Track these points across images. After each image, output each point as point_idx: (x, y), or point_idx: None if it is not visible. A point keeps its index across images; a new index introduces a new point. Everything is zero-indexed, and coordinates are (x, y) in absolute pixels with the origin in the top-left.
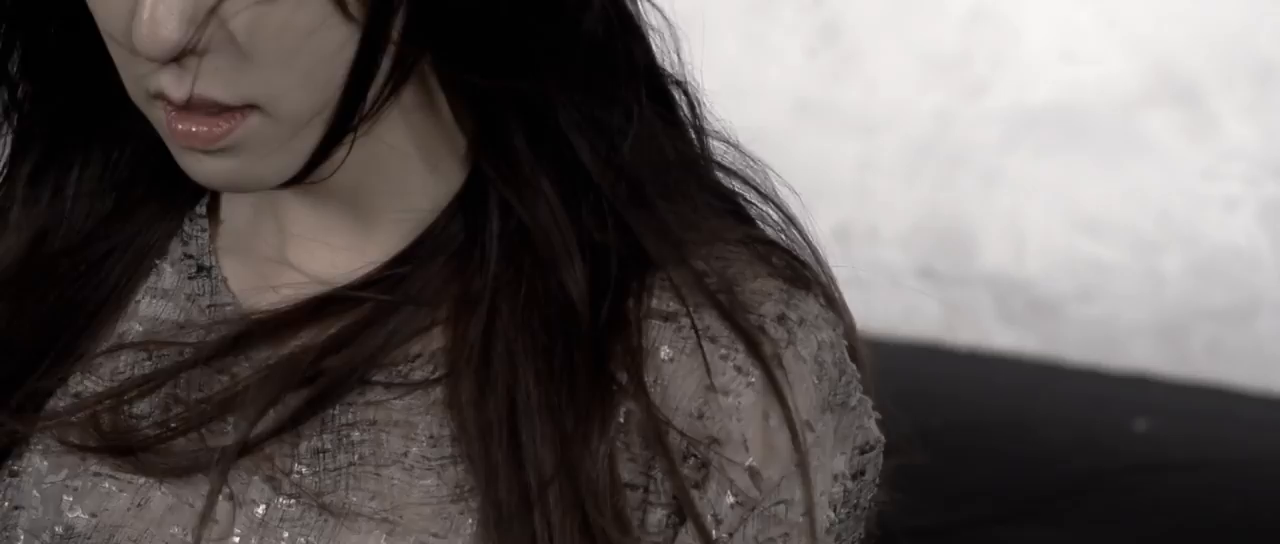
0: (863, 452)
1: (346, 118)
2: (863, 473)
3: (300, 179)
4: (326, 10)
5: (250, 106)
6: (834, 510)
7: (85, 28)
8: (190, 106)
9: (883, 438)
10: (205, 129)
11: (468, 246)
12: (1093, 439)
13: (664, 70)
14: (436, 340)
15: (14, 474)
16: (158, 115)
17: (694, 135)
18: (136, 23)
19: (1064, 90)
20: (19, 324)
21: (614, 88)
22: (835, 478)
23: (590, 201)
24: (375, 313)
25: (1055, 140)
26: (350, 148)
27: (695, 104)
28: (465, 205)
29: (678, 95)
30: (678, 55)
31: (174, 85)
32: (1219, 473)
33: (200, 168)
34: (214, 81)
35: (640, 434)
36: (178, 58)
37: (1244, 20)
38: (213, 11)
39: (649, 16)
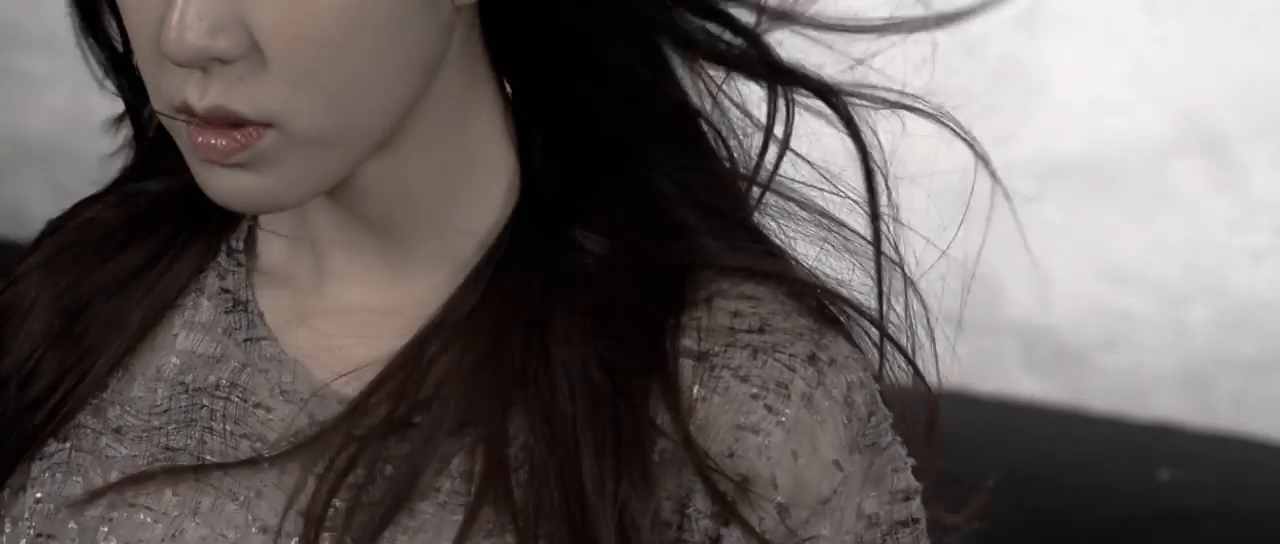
0: (904, 499)
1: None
2: (907, 523)
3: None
4: (354, 26)
5: (268, 124)
6: None
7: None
8: (212, 119)
9: (920, 486)
10: (223, 142)
11: (514, 284)
12: (1116, 488)
13: (699, 111)
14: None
15: (39, 500)
16: (180, 129)
17: (728, 176)
18: (165, 26)
19: (1092, 140)
20: (66, 336)
21: (653, 129)
22: (867, 519)
23: (631, 241)
24: (417, 356)
25: (1083, 190)
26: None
27: (729, 145)
28: (512, 242)
29: (712, 136)
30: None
31: (197, 94)
32: (1243, 523)
33: (217, 183)
34: (236, 93)
35: (676, 470)
36: (203, 66)
37: (1273, 72)
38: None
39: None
